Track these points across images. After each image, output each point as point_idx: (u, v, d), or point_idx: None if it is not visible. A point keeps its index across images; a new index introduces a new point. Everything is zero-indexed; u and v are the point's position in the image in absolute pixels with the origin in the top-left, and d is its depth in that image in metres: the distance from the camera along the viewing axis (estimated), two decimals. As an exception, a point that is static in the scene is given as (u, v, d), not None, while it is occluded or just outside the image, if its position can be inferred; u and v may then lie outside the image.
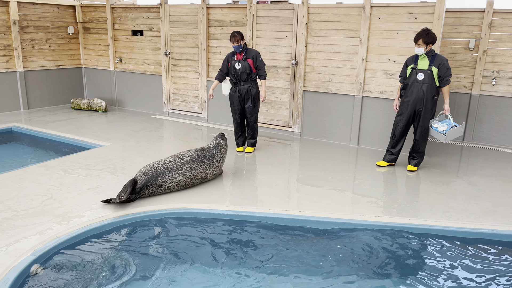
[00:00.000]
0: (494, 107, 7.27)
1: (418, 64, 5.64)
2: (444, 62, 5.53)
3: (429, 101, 5.63)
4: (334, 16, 6.98)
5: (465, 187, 5.43)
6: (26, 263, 3.44)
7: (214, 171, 5.30)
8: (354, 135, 7.20)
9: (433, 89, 5.60)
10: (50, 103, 9.77)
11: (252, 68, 6.26)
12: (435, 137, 5.82)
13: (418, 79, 5.62)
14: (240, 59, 6.26)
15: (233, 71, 6.32)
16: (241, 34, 6.20)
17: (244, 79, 6.29)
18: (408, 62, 5.78)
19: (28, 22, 9.14)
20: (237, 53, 6.29)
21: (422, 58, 5.62)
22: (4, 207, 4.46)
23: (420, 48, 5.52)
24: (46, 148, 7.00)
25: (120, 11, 9.35)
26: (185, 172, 4.95)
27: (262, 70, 6.30)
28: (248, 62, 6.23)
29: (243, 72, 6.25)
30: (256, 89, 6.41)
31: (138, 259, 3.72)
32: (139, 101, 9.64)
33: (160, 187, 4.80)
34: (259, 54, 6.31)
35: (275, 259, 3.81)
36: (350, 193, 5.14)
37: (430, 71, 5.55)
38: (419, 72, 5.62)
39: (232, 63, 6.31)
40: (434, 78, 5.56)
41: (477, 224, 4.36)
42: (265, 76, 6.35)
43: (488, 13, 6.97)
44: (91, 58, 10.15)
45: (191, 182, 5.04)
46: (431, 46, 5.53)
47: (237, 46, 6.19)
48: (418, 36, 5.49)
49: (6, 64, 8.90)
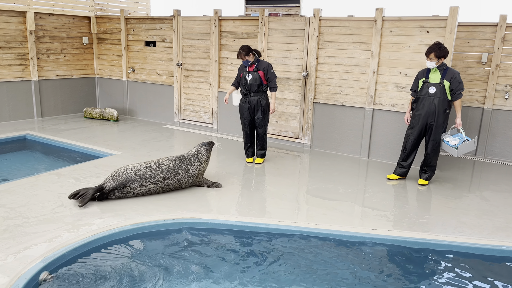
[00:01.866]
0: (508, 121, 7.18)
1: (430, 77, 5.61)
2: (456, 76, 5.49)
3: (441, 115, 5.59)
4: (345, 29, 7.00)
5: (478, 202, 5.35)
6: (36, 270, 3.45)
7: (190, 180, 5.27)
8: (365, 148, 7.16)
9: (445, 103, 5.56)
10: (63, 112, 9.91)
11: (262, 80, 6.28)
12: (447, 151, 5.76)
13: (429, 92, 5.59)
14: (251, 71, 6.29)
15: (243, 82, 6.36)
16: (246, 49, 6.16)
17: (254, 91, 6.31)
18: (419, 76, 5.75)
19: (44, 32, 9.33)
20: (249, 66, 6.33)
21: (434, 71, 5.59)
22: (15, 214, 4.50)
23: (432, 62, 5.50)
24: (58, 156, 7.08)
25: (134, 22, 9.50)
26: (158, 181, 4.99)
27: (273, 82, 6.31)
28: (259, 74, 6.25)
29: (253, 83, 6.27)
30: (266, 100, 6.41)
31: (146, 269, 3.71)
32: (151, 111, 9.73)
33: (128, 193, 4.90)
34: (271, 66, 6.32)
35: (283, 271, 3.77)
36: (360, 206, 5.09)
37: (442, 84, 5.52)
38: (430, 85, 5.59)
39: (244, 74, 6.36)
40: (446, 92, 5.53)
41: (489, 240, 4.28)
42: (275, 89, 6.35)
43: (501, 27, 6.93)
44: (104, 68, 10.30)
45: (162, 191, 5.09)
46: (443, 60, 5.51)
47: (245, 61, 6.25)
48: (429, 50, 5.47)
49: (21, 73, 9.07)
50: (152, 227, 4.38)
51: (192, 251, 4.05)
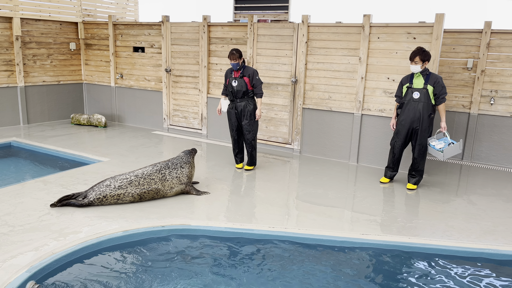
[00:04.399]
0: (493, 126, 7.30)
1: (414, 83, 5.70)
2: (439, 80, 5.59)
3: (426, 120, 5.66)
4: (333, 35, 7.06)
5: (465, 206, 5.40)
6: (22, 279, 3.39)
7: (167, 193, 5.24)
8: (354, 153, 7.20)
9: (429, 107, 5.65)
10: (50, 118, 9.79)
11: (248, 86, 6.27)
12: (433, 155, 5.83)
13: (414, 97, 5.67)
14: (237, 77, 6.29)
15: (230, 88, 6.36)
16: (239, 52, 6.24)
17: (240, 96, 6.31)
18: (403, 82, 5.85)
19: (30, 38, 9.23)
20: (235, 71, 6.33)
21: (417, 76, 5.68)
22: (0, 222, 4.42)
23: (417, 65, 5.58)
24: (44, 163, 6.98)
25: (122, 28, 9.45)
26: (134, 194, 5.01)
27: (258, 88, 6.30)
28: (245, 80, 6.25)
29: (239, 89, 6.26)
30: (253, 106, 6.39)
31: (135, 277, 3.67)
32: (139, 117, 9.66)
33: (101, 202, 4.94)
34: (256, 72, 6.32)
35: (273, 277, 3.76)
36: (350, 211, 5.11)
37: (425, 89, 5.60)
38: (414, 91, 5.67)
39: (230, 80, 6.35)
40: (429, 97, 5.61)
41: (477, 243, 4.32)
42: (261, 95, 6.32)
43: (486, 34, 7.06)
44: (92, 74, 10.22)
45: (136, 201, 5.10)
46: (427, 64, 5.60)
47: (235, 64, 6.23)
48: (414, 54, 5.57)
49: (7, 79, 8.95)
50: (141, 234, 4.34)
51: (181, 258, 4.02)
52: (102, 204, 4.91)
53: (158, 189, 5.12)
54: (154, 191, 5.10)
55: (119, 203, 4.96)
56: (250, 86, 6.30)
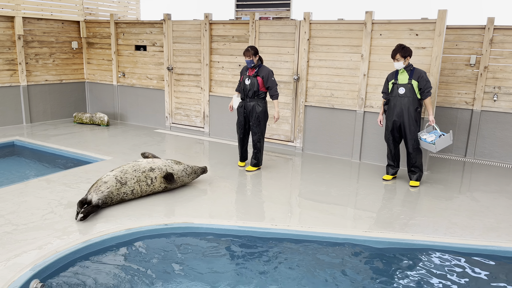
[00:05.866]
0: (496, 122, 7.27)
1: (398, 79, 5.81)
2: (423, 74, 5.70)
3: (412, 114, 5.76)
4: (335, 32, 7.04)
5: (468, 203, 5.39)
6: (26, 278, 3.40)
7: None
8: (356, 150, 7.19)
9: (415, 102, 5.74)
10: (53, 117, 9.82)
11: (260, 86, 6.13)
12: (426, 148, 5.87)
13: (399, 93, 5.78)
14: (250, 75, 6.18)
15: (242, 85, 6.25)
16: (255, 49, 6.07)
17: (250, 96, 6.18)
18: (389, 78, 5.95)
19: (32, 37, 9.24)
20: (250, 69, 6.22)
21: (402, 72, 5.79)
22: (4, 221, 4.44)
23: (399, 62, 5.70)
24: (47, 162, 7.00)
25: (124, 27, 9.46)
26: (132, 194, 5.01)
27: (274, 90, 6.16)
28: (257, 80, 6.11)
29: (250, 88, 6.14)
30: (263, 107, 6.22)
31: (139, 275, 3.68)
32: (141, 116, 9.67)
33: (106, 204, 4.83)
34: (272, 73, 6.16)
35: (275, 274, 3.76)
36: (353, 209, 5.11)
37: (410, 84, 5.71)
38: (400, 86, 5.78)
39: (244, 77, 6.25)
40: (415, 91, 5.72)
41: (480, 240, 4.32)
42: (277, 96, 6.19)
43: (489, 30, 7.02)
44: (94, 73, 10.23)
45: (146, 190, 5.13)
46: (409, 59, 5.72)
47: (249, 60, 6.08)
48: (394, 51, 5.70)
49: (10, 78, 8.97)
50: (144, 232, 4.35)
51: (184, 256, 4.03)
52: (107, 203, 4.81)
53: None
54: None
55: (126, 200, 4.94)
56: (262, 86, 6.16)
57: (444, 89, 7.55)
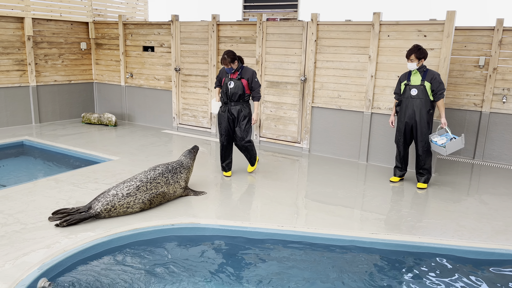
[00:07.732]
0: (505, 124, 7.20)
1: (411, 80, 5.74)
2: (436, 76, 5.62)
3: (424, 116, 5.69)
4: (343, 33, 7.03)
5: (477, 205, 5.35)
6: (34, 276, 3.43)
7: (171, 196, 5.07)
8: (363, 152, 7.16)
9: (428, 103, 5.68)
10: (61, 117, 9.90)
11: (245, 89, 5.80)
12: (436, 151, 5.83)
13: (412, 94, 5.71)
14: (233, 78, 5.80)
15: (224, 89, 5.85)
16: (231, 56, 5.68)
17: (235, 99, 5.82)
18: (401, 79, 5.89)
19: (42, 38, 9.33)
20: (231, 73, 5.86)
21: (415, 73, 5.72)
22: (13, 220, 4.48)
23: (413, 63, 5.63)
24: (56, 162, 7.06)
25: (132, 28, 9.51)
26: (144, 200, 4.74)
27: (257, 91, 5.85)
28: (242, 83, 5.76)
29: (235, 92, 5.77)
30: (249, 110, 5.94)
31: (144, 274, 3.70)
32: (149, 116, 9.72)
33: (109, 213, 4.59)
34: (255, 73, 5.85)
35: (281, 276, 3.76)
36: (359, 210, 5.09)
37: (423, 86, 5.64)
38: (412, 87, 5.71)
39: (226, 80, 5.85)
40: (427, 93, 5.65)
41: (489, 243, 4.28)
42: (259, 98, 5.88)
43: (498, 31, 6.96)
44: (102, 73, 10.30)
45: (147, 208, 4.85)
46: (423, 61, 5.64)
47: (229, 69, 5.77)
48: (410, 52, 5.62)
49: (19, 78, 9.06)
50: (151, 232, 4.36)
51: (190, 257, 4.04)
52: (110, 215, 4.56)
53: (165, 193, 4.96)
54: (161, 195, 4.92)
55: (128, 212, 4.68)
56: (248, 89, 5.84)
57: (452, 91, 7.50)
